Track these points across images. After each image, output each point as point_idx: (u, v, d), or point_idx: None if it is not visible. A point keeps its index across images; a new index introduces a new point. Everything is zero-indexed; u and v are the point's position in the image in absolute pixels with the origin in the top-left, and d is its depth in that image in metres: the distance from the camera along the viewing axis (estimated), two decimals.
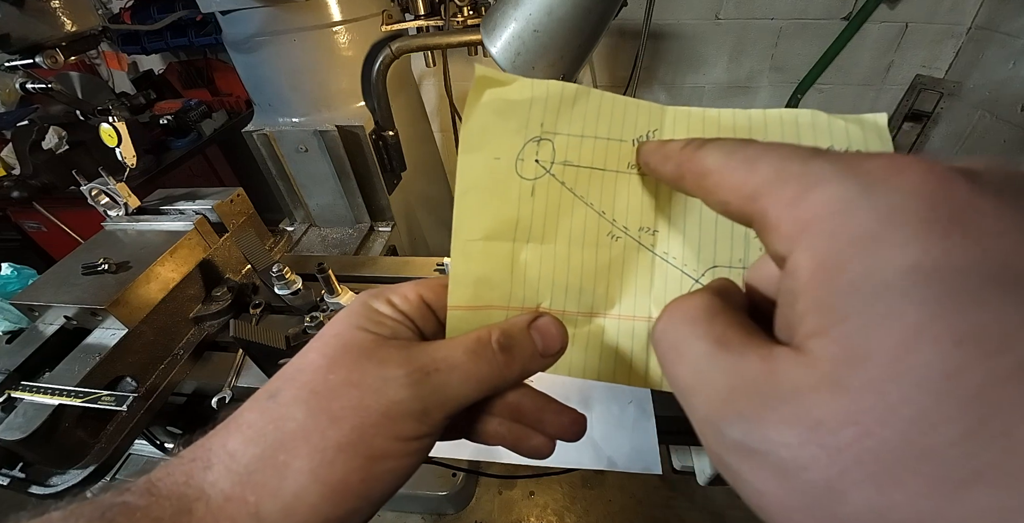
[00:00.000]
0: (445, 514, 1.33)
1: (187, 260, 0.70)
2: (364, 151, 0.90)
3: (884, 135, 0.20)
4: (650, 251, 0.23)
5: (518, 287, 0.23)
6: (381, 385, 0.18)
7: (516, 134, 0.22)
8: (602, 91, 0.23)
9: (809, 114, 0.21)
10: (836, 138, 0.21)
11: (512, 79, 0.22)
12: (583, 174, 0.22)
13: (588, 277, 0.23)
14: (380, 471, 0.18)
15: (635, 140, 0.22)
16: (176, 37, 1.72)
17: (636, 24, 1.41)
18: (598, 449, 0.57)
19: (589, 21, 0.62)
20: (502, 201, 0.22)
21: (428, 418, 0.18)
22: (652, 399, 0.59)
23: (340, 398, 0.18)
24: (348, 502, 0.17)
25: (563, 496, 1.39)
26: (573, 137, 0.22)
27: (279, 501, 0.16)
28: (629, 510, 1.37)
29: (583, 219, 0.23)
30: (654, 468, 0.55)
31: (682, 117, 0.22)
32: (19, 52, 0.58)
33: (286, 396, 0.18)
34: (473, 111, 0.22)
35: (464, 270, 0.22)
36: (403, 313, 0.22)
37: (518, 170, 0.22)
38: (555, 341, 0.21)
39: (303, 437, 0.17)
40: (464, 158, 0.22)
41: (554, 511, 1.36)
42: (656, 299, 0.23)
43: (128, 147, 0.72)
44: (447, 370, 0.19)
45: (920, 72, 1.53)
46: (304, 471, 0.17)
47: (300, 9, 0.77)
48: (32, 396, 0.53)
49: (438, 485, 1.21)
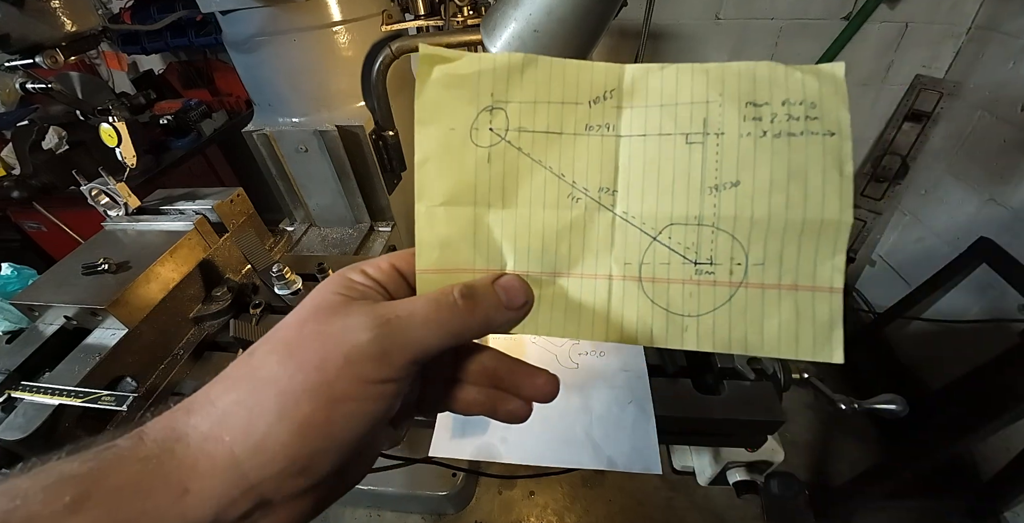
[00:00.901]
0: (445, 514, 1.33)
1: (187, 260, 0.70)
2: (364, 151, 0.90)
3: (840, 88, 0.21)
4: (610, 211, 0.23)
5: (482, 250, 0.23)
6: (343, 332, 0.19)
7: (468, 105, 0.23)
8: (552, 58, 0.23)
9: (766, 66, 0.21)
10: (792, 91, 0.21)
11: (459, 55, 0.23)
12: (539, 138, 0.23)
13: (550, 238, 0.23)
14: (343, 412, 0.18)
15: (590, 101, 0.23)
16: (176, 37, 1.72)
17: (636, 24, 1.41)
18: (598, 449, 0.57)
19: (589, 21, 0.62)
20: (460, 168, 0.23)
21: (388, 361, 0.19)
22: (652, 399, 0.59)
23: (306, 347, 0.19)
24: (314, 441, 0.18)
25: (563, 496, 1.39)
26: (526, 104, 0.23)
27: (251, 439, 0.18)
28: (629, 510, 1.37)
29: (543, 182, 0.23)
30: (654, 468, 0.55)
31: (640, 75, 0.23)
32: (19, 52, 0.58)
33: (261, 350, 0.20)
34: (424, 87, 0.23)
35: (429, 234, 0.23)
36: (376, 280, 0.23)
37: (473, 139, 0.23)
38: (518, 294, 0.22)
39: (273, 382, 0.19)
40: (420, 130, 0.23)
41: (554, 511, 1.36)
42: (616, 257, 0.23)
43: (128, 147, 0.72)
44: (407, 316, 0.20)
45: (920, 72, 1.53)
46: (272, 411, 0.18)
47: (300, 9, 0.77)
48: (32, 396, 0.53)
49: (438, 485, 1.20)
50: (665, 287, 0.23)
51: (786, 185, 0.21)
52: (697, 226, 0.22)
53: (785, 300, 0.21)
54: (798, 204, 0.21)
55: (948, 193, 1.52)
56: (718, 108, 0.22)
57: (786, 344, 0.21)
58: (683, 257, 0.22)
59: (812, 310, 0.21)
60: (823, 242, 0.21)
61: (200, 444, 0.18)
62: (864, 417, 1.63)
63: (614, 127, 0.23)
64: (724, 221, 0.22)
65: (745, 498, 0.67)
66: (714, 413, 0.57)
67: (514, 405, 0.24)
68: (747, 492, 0.66)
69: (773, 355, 0.21)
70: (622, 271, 0.23)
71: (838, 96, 0.21)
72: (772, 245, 0.21)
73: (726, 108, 0.21)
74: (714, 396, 0.58)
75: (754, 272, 0.22)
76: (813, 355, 0.21)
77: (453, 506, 1.30)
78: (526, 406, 0.25)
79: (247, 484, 0.17)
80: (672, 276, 0.22)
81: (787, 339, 0.21)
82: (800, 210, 0.21)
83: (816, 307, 0.21)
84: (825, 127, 0.21)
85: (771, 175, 0.21)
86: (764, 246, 0.21)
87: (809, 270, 0.21)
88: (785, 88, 0.21)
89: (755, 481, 0.66)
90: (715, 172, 0.22)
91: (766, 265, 0.21)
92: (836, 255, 0.21)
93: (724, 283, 0.22)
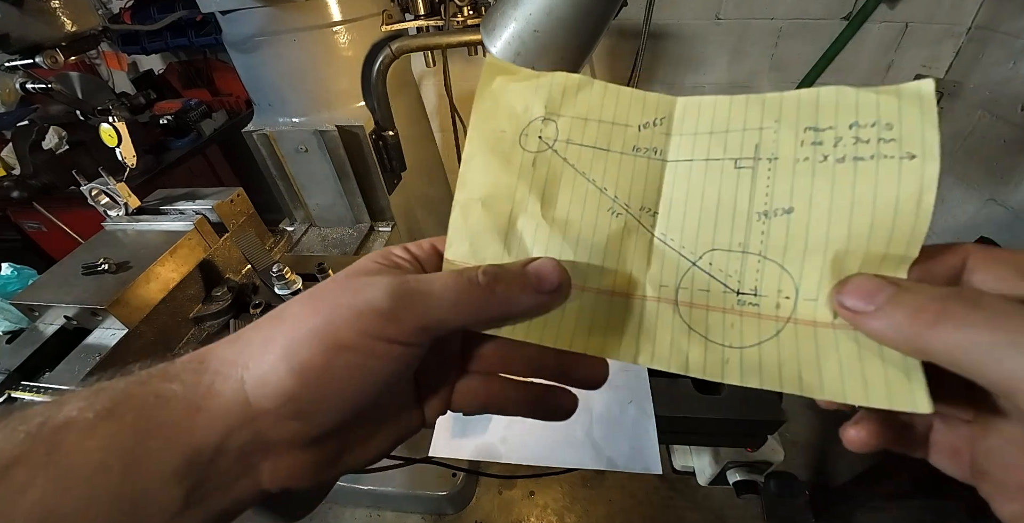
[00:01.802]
0: (445, 514, 1.33)
1: (187, 260, 0.70)
2: (364, 151, 0.90)
3: (928, 105, 0.18)
4: (649, 231, 0.22)
5: (512, 248, 0.23)
6: (362, 288, 0.20)
7: (522, 114, 0.24)
8: (607, 83, 0.24)
9: (833, 91, 0.19)
10: (862, 113, 0.19)
11: (519, 69, 0.24)
12: (586, 152, 0.23)
13: (583, 248, 0.22)
14: (343, 361, 0.19)
15: (640, 126, 0.23)
16: (176, 37, 1.72)
17: (636, 24, 1.41)
18: (598, 449, 0.57)
19: (589, 21, 0.62)
20: (504, 167, 0.23)
21: (397, 321, 0.19)
22: (652, 399, 0.59)
23: (326, 297, 0.20)
24: (311, 384, 0.18)
25: (563, 496, 1.38)
26: (577, 119, 0.24)
27: (258, 371, 0.19)
28: (629, 510, 1.37)
29: (583, 193, 0.23)
30: (654, 468, 0.55)
31: (693, 105, 0.23)
32: (19, 52, 0.58)
33: (294, 298, 0.21)
34: (484, 92, 0.24)
35: (462, 224, 0.23)
36: (414, 256, 0.24)
37: (522, 143, 0.24)
38: (551, 276, 0.21)
39: (289, 323, 0.20)
40: (473, 130, 0.24)
41: (554, 511, 1.36)
42: (652, 278, 0.22)
43: (128, 147, 0.72)
44: (427, 282, 0.20)
45: (920, 72, 1.53)
46: (280, 348, 0.19)
47: (300, 9, 0.77)
48: (32, 396, 0.53)
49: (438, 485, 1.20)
50: (704, 313, 0.21)
51: (848, 214, 0.19)
52: (742, 254, 0.20)
53: (843, 340, 0.19)
54: (861, 236, 0.18)
55: (948, 193, 1.52)
56: (772, 134, 0.20)
57: (852, 389, 0.18)
58: (724, 285, 0.21)
59: (879, 349, 0.18)
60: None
61: (218, 368, 0.19)
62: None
63: (661, 152, 0.23)
64: (773, 250, 0.20)
65: (745, 498, 0.67)
66: (714, 413, 0.57)
67: (561, 398, 0.24)
68: (747, 492, 0.66)
69: (838, 400, 0.18)
70: (657, 292, 0.22)
71: (924, 114, 0.18)
72: (827, 280, 0.19)
73: (781, 133, 0.20)
74: (714, 396, 0.58)
75: (804, 308, 0.19)
76: (890, 403, 0.17)
77: (453, 506, 1.30)
78: (572, 398, 0.25)
79: (249, 413, 0.18)
80: (712, 304, 0.21)
81: (854, 383, 0.18)
82: (863, 243, 0.18)
83: (884, 348, 0.18)
84: (904, 149, 0.18)
85: (831, 203, 0.19)
86: (819, 280, 0.19)
87: None
88: (855, 111, 0.19)
89: (755, 481, 0.66)
90: (765, 198, 0.20)
91: (819, 301, 0.19)
92: None
93: (770, 317, 0.20)
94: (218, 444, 0.18)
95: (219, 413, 0.18)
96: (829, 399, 0.19)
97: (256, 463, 0.19)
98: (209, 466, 0.18)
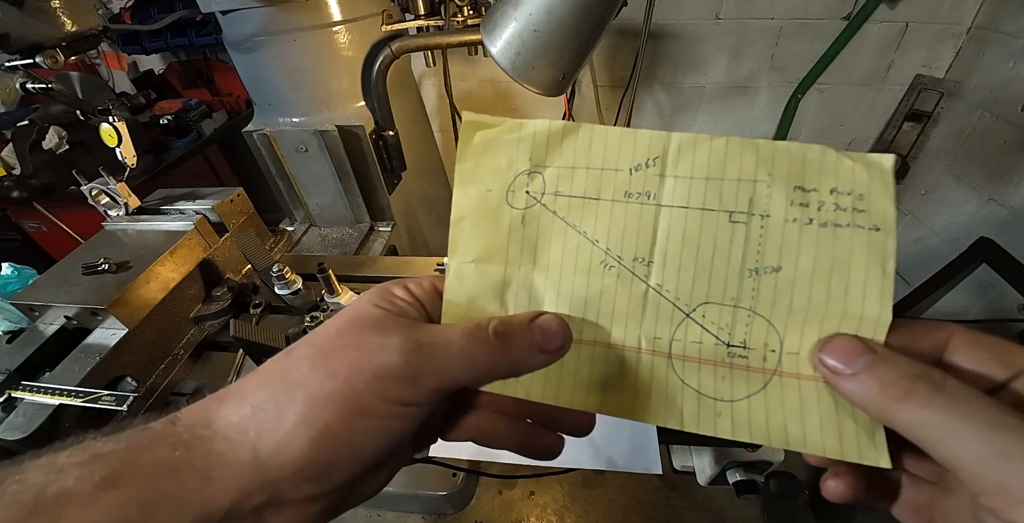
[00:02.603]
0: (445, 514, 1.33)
1: (187, 260, 0.70)
2: (364, 151, 0.90)
3: (888, 181, 0.20)
4: (643, 282, 0.22)
5: (509, 309, 0.23)
6: (378, 349, 0.20)
7: (507, 169, 0.24)
8: (595, 125, 0.23)
9: (818, 150, 0.21)
10: (841, 180, 0.20)
11: (500, 121, 0.24)
12: (576, 203, 0.23)
13: (578, 304, 0.23)
14: (364, 425, 0.19)
15: (631, 169, 0.23)
16: (176, 37, 1.72)
17: (636, 24, 1.41)
18: (598, 449, 0.57)
19: (589, 21, 0.62)
20: (494, 229, 0.24)
21: (416, 385, 0.20)
22: None
23: (340, 357, 0.20)
24: (332, 448, 0.19)
25: (563, 496, 1.38)
26: (564, 168, 0.23)
27: (273, 437, 0.18)
28: (629, 510, 1.37)
29: (575, 247, 0.23)
30: (654, 468, 0.55)
31: (688, 144, 0.22)
32: (19, 52, 0.58)
33: (297, 352, 0.21)
34: (465, 151, 0.24)
35: (457, 289, 0.24)
36: (416, 298, 0.23)
37: (509, 201, 0.24)
38: (555, 336, 0.22)
39: (303, 385, 0.19)
40: (458, 190, 0.24)
41: (554, 511, 1.35)
42: (646, 331, 0.22)
43: (128, 147, 0.72)
44: (442, 345, 0.20)
45: (920, 72, 1.53)
46: (298, 413, 0.19)
47: (300, 9, 0.77)
48: (32, 396, 0.53)
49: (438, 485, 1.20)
50: (696, 367, 0.22)
51: (828, 276, 0.20)
52: (733, 308, 0.22)
53: (822, 394, 0.20)
54: (839, 297, 0.20)
55: (948, 193, 1.52)
56: (765, 188, 0.21)
57: (830, 442, 0.20)
58: (716, 337, 0.22)
59: (852, 407, 0.20)
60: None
61: (227, 434, 0.19)
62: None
63: (655, 196, 0.22)
64: (762, 306, 0.21)
65: (745, 498, 0.67)
66: None
67: (548, 440, 0.24)
68: (747, 492, 0.66)
69: (818, 453, 0.20)
70: (651, 345, 0.22)
71: (885, 190, 0.20)
72: (809, 335, 0.21)
73: (774, 190, 0.21)
74: None
75: (788, 361, 0.21)
76: (859, 457, 0.20)
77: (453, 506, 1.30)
78: (559, 440, 0.25)
79: (265, 480, 0.18)
80: (704, 356, 0.22)
81: (830, 437, 0.20)
82: (840, 304, 0.20)
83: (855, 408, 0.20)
84: (872, 221, 0.20)
85: (814, 265, 0.21)
86: (801, 336, 0.21)
87: None
88: (835, 176, 0.20)
89: (755, 481, 0.66)
90: (757, 255, 0.21)
91: (800, 355, 0.21)
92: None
93: (758, 369, 0.21)
94: (230, 509, 0.18)
95: (232, 482, 0.18)
96: (811, 453, 0.20)
97: (266, 518, 0.19)
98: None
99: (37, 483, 0.16)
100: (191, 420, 0.19)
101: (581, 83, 1.66)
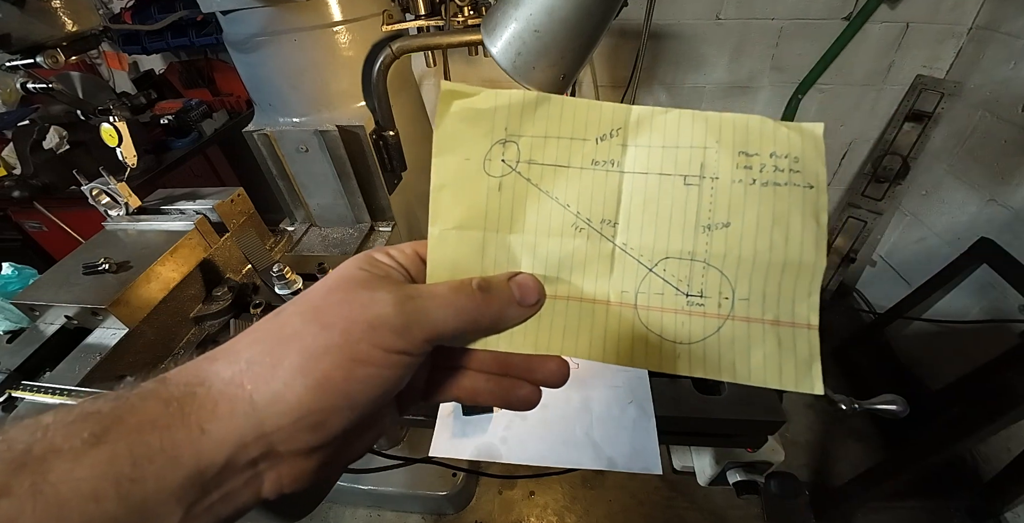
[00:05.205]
0: (445, 514, 1.33)
1: (187, 260, 0.70)
2: (364, 151, 0.90)
3: (819, 145, 0.23)
4: (610, 242, 0.25)
5: (489, 271, 0.25)
6: (369, 302, 0.21)
7: (483, 138, 0.25)
8: (564, 97, 0.25)
9: (758, 120, 0.23)
10: (779, 145, 0.23)
11: (477, 91, 0.25)
12: (548, 171, 0.25)
13: (552, 264, 0.25)
14: (360, 374, 0.20)
15: (597, 138, 0.25)
16: (177, 37, 1.72)
17: (636, 24, 1.41)
18: (598, 449, 0.57)
19: (590, 21, 0.62)
20: (472, 196, 0.25)
21: (409, 335, 0.21)
22: (652, 399, 0.59)
23: (333, 310, 0.21)
24: (329, 397, 0.19)
25: (563, 496, 1.39)
26: (537, 138, 0.25)
27: (270, 389, 0.19)
28: (629, 510, 1.37)
29: (548, 211, 0.25)
30: (654, 468, 0.55)
31: (646, 116, 0.25)
32: (20, 52, 0.58)
33: (289, 311, 0.21)
34: (443, 120, 0.25)
35: (440, 255, 0.25)
36: (399, 262, 0.25)
37: (486, 169, 0.25)
38: (531, 291, 0.24)
39: (297, 339, 0.20)
40: (437, 159, 0.25)
41: (554, 511, 1.36)
42: (614, 285, 0.25)
43: (129, 147, 0.72)
44: (429, 297, 0.22)
45: (921, 72, 1.53)
46: (294, 365, 0.19)
47: (300, 9, 0.77)
48: (33, 396, 0.53)
49: (438, 485, 1.20)
50: (659, 315, 0.25)
51: (770, 229, 0.23)
52: (690, 261, 0.24)
53: (768, 334, 0.23)
54: (780, 247, 0.23)
55: (949, 193, 1.52)
56: (714, 154, 0.24)
57: (771, 375, 0.23)
58: (676, 289, 0.24)
59: (793, 344, 0.23)
60: (800, 282, 0.23)
61: (221, 388, 0.19)
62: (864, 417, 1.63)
63: (618, 163, 0.25)
64: (715, 258, 0.24)
65: (745, 498, 0.67)
66: (714, 413, 0.57)
67: (526, 391, 0.25)
68: (747, 492, 0.66)
69: (759, 384, 0.23)
70: (619, 298, 0.25)
71: (817, 153, 0.23)
72: (756, 283, 0.24)
73: (722, 155, 0.24)
74: (714, 396, 0.58)
75: (740, 306, 0.24)
76: (796, 386, 0.23)
77: (453, 506, 1.30)
78: (537, 391, 0.25)
79: (261, 431, 0.18)
80: (665, 305, 0.25)
81: (772, 370, 0.23)
82: (781, 252, 0.23)
83: (796, 342, 0.23)
84: (806, 180, 0.23)
85: (758, 219, 0.23)
86: (749, 283, 0.24)
87: (788, 307, 0.23)
88: (773, 141, 0.23)
89: (755, 481, 0.66)
90: (709, 213, 0.24)
91: (751, 301, 0.24)
92: (811, 295, 0.23)
93: (713, 315, 0.24)
94: (225, 462, 0.18)
95: (226, 435, 0.18)
96: (752, 384, 0.23)
97: (262, 472, 0.19)
98: (213, 482, 0.18)
99: (23, 442, 0.16)
100: (182, 378, 0.19)
101: (582, 83, 1.66)
